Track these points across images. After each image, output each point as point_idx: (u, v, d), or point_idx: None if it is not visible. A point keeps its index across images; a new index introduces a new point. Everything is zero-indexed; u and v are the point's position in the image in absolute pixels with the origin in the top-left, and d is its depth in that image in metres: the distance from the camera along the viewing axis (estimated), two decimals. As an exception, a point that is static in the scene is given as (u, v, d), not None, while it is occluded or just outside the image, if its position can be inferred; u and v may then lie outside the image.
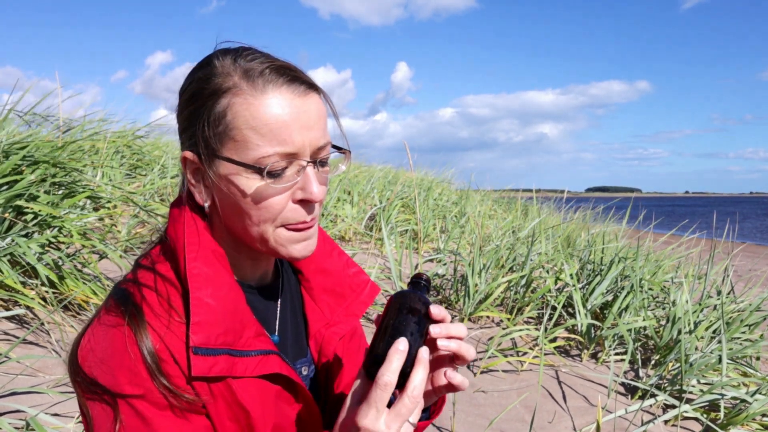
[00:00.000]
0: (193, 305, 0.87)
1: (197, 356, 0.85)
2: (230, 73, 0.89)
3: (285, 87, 0.89)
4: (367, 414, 0.82)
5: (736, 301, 4.47)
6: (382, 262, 5.11)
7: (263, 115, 0.87)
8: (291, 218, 0.92)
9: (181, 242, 0.92)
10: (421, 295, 0.91)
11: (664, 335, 3.77)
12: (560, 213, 8.30)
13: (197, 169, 0.94)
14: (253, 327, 0.93)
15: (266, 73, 0.89)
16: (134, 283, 0.92)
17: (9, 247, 2.78)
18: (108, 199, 3.95)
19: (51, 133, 4.47)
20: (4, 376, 2.35)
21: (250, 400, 0.91)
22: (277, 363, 0.94)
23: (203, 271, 0.90)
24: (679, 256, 5.74)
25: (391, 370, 0.83)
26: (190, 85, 0.93)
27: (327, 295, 1.12)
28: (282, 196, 0.90)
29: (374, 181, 7.87)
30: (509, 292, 4.36)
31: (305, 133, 0.89)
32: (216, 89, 0.89)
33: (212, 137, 0.89)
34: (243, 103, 0.87)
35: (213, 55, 0.94)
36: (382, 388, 0.82)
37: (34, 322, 2.78)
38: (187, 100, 0.93)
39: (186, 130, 0.93)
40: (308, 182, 0.90)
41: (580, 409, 3.20)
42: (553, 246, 5.43)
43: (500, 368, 3.54)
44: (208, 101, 0.89)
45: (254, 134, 0.87)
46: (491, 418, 2.91)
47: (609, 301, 4.28)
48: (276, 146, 0.87)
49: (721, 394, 3.14)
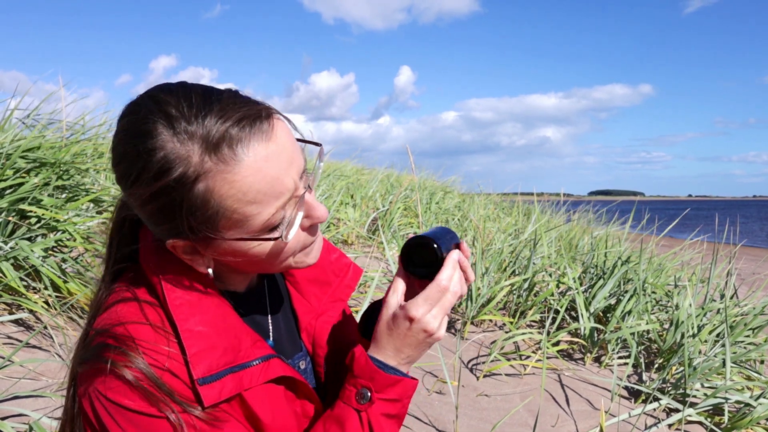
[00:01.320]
0: (184, 338, 0.85)
1: (204, 386, 0.84)
2: (187, 152, 0.77)
3: (253, 139, 0.79)
4: (420, 307, 0.92)
5: (740, 304, 4.45)
6: (384, 266, 5.10)
7: (251, 184, 0.79)
8: (306, 242, 0.93)
9: (155, 272, 0.89)
10: None
11: (668, 339, 3.75)
12: (563, 216, 8.30)
13: (189, 248, 0.87)
14: (249, 337, 0.93)
15: (227, 136, 0.78)
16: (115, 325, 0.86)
17: (13, 250, 2.78)
18: (112, 202, 3.96)
19: (54, 136, 4.48)
20: (7, 379, 2.35)
21: (262, 407, 0.91)
22: (280, 366, 0.95)
23: (185, 299, 0.88)
24: (682, 259, 5.73)
25: (448, 276, 0.94)
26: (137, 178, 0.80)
27: (312, 285, 1.13)
28: (294, 236, 0.88)
29: (377, 184, 7.87)
30: (512, 296, 4.36)
31: (291, 170, 0.83)
32: (181, 179, 0.78)
33: (203, 223, 0.81)
34: (223, 183, 0.78)
35: (144, 136, 0.78)
36: (442, 290, 0.93)
37: (37, 326, 2.79)
38: (145, 194, 0.80)
39: (162, 223, 0.83)
40: (311, 209, 0.89)
41: (583, 412, 3.19)
42: (555, 249, 5.42)
43: (503, 372, 3.54)
44: (179, 191, 0.79)
45: (251, 206, 0.81)
46: (494, 422, 2.90)
47: (612, 305, 4.27)
48: (275, 202, 0.82)
49: (725, 398, 3.13)
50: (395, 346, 0.94)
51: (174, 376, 0.84)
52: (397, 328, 0.93)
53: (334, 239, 5.53)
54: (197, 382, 0.83)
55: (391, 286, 0.98)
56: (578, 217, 8.26)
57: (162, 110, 0.78)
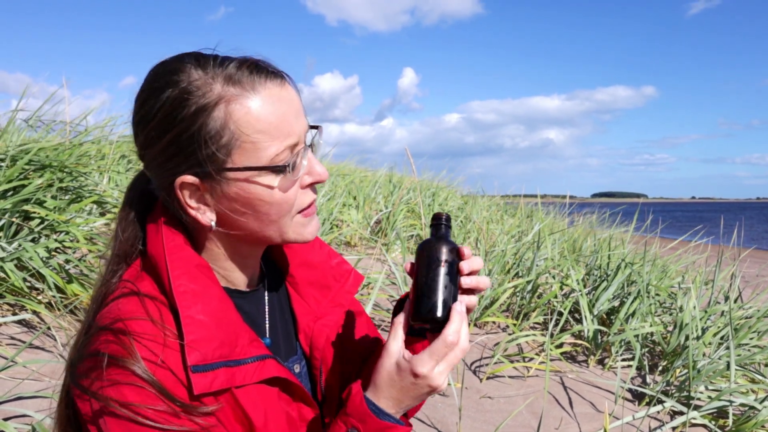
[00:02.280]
0: (184, 324, 0.86)
1: (196, 374, 0.85)
2: (209, 84, 0.86)
3: (269, 81, 0.89)
4: (426, 364, 0.89)
5: (744, 307, 4.43)
6: (387, 268, 5.10)
7: (264, 114, 0.87)
8: (305, 202, 0.95)
9: (162, 260, 0.91)
10: (448, 243, 0.96)
11: (672, 341, 3.74)
12: (566, 218, 8.28)
13: (196, 192, 0.91)
14: (247, 334, 0.94)
15: (246, 73, 0.88)
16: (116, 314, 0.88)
17: (16, 251, 2.79)
18: (114, 204, 3.96)
19: (58, 138, 4.49)
20: (10, 380, 2.35)
21: (253, 406, 0.92)
22: (275, 367, 0.95)
23: (190, 287, 0.90)
24: (686, 261, 5.72)
25: (455, 330, 0.90)
26: (159, 111, 0.87)
27: (312, 288, 1.14)
28: (296, 186, 0.93)
29: (380, 186, 7.87)
30: (515, 298, 4.35)
31: (299, 120, 0.92)
32: (202, 105, 0.85)
33: (217, 151, 0.86)
34: (241, 109, 0.86)
35: (171, 73, 0.88)
36: (448, 345, 0.90)
37: (40, 327, 2.79)
38: (162, 126, 0.87)
39: (173, 158, 0.88)
40: (313, 165, 0.94)
41: (586, 415, 3.18)
42: (559, 251, 5.41)
43: (506, 374, 3.53)
44: (197, 119, 0.85)
45: (262, 136, 0.87)
46: (497, 424, 2.89)
47: (616, 307, 4.25)
48: (284, 141, 0.89)
49: (729, 401, 3.12)
50: (395, 396, 0.91)
51: (167, 371, 0.85)
52: (402, 380, 0.90)
53: (337, 241, 5.54)
54: (190, 369, 0.85)
55: (391, 331, 0.94)
56: (581, 220, 8.24)
57: (191, 54, 0.90)
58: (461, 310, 0.92)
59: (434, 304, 0.93)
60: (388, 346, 0.92)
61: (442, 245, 0.96)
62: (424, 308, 0.93)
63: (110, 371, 0.83)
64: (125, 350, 0.83)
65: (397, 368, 0.90)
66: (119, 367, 0.83)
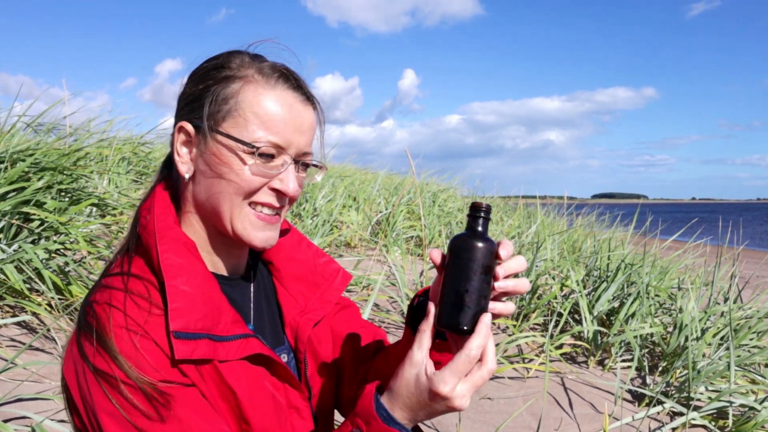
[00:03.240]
0: (169, 293, 0.91)
1: (178, 340, 0.89)
2: (246, 66, 1.00)
3: (291, 91, 1.00)
4: (447, 383, 0.85)
5: (744, 307, 4.43)
6: (387, 269, 5.10)
7: (268, 105, 0.98)
8: (262, 199, 0.99)
9: (152, 237, 0.96)
10: (486, 242, 0.88)
11: (671, 342, 3.74)
12: (566, 219, 8.28)
13: (188, 142, 1.02)
14: (230, 314, 0.98)
15: (277, 74, 1.00)
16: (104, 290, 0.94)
17: (16, 253, 2.79)
18: (114, 206, 3.97)
19: (58, 140, 4.49)
20: (10, 382, 2.36)
21: (237, 382, 0.94)
22: (258, 345, 0.98)
23: (176, 261, 0.95)
24: (686, 262, 5.72)
25: (479, 345, 0.86)
26: (203, 68, 1.03)
27: (299, 282, 1.17)
28: (263, 178, 0.98)
29: (379, 187, 7.87)
30: (515, 299, 4.35)
31: (297, 135, 1.00)
32: (231, 75, 1.00)
33: (217, 112, 0.98)
34: (253, 90, 0.98)
35: (232, 52, 1.04)
36: (471, 361, 0.85)
37: (40, 328, 2.79)
38: (197, 78, 1.02)
39: (189, 104, 1.01)
40: (287, 176, 1.00)
41: (586, 416, 3.18)
42: (558, 252, 5.42)
43: (506, 375, 3.53)
44: (221, 82, 0.99)
45: (256, 119, 0.97)
46: (497, 425, 2.89)
47: (615, 308, 4.25)
48: (271, 135, 0.97)
49: (729, 402, 3.12)
50: (411, 407, 0.88)
51: (149, 340, 0.89)
52: (419, 394, 0.87)
53: (336, 242, 5.54)
54: (172, 335, 0.88)
55: (417, 338, 0.90)
56: (581, 220, 8.24)
57: (247, 52, 1.05)
58: (488, 322, 0.87)
59: (463, 313, 0.87)
60: (411, 355, 0.89)
61: (479, 244, 0.88)
62: (450, 315, 0.87)
63: (86, 343, 0.90)
64: (102, 324, 0.89)
65: (416, 380, 0.87)
66: (97, 339, 0.89)
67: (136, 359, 0.87)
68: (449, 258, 0.89)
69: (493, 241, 0.89)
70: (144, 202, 1.04)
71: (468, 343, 0.86)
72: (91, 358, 0.88)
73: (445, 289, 0.89)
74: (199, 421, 0.89)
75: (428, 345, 0.89)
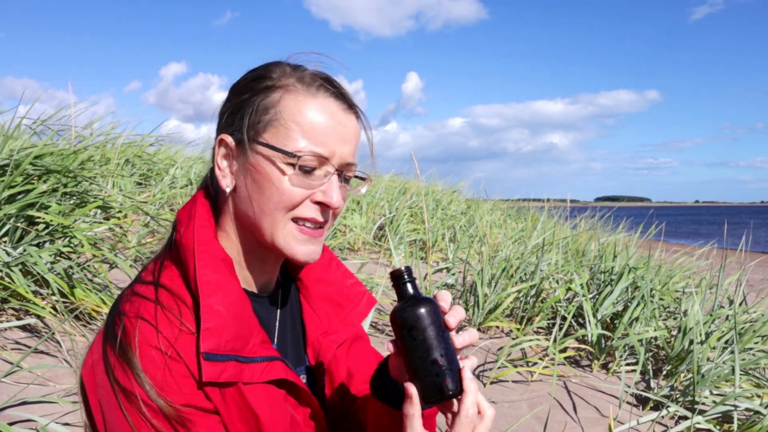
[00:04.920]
0: (203, 312, 0.89)
1: (207, 362, 0.88)
2: (287, 76, 0.99)
3: (333, 99, 0.98)
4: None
5: (749, 311, 4.42)
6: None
7: (310, 114, 0.95)
8: (305, 213, 0.96)
9: (191, 250, 0.94)
10: (424, 303, 0.88)
11: (676, 345, 3.73)
12: (569, 223, 8.27)
13: (228, 155, 1.00)
14: (259, 335, 0.96)
15: (318, 83, 0.98)
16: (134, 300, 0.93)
17: (20, 256, 2.80)
18: (119, 208, 3.97)
19: (64, 143, 4.51)
20: (15, 385, 2.36)
21: (260, 405, 0.93)
22: (282, 369, 0.97)
23: (213, 278, 0.93)
24: (691, 265, 5.70)
25: (475, 402, 0.87)
26: (243, 80, 1.02)
27: (325, 303, 1.15)
28: (304, 190, 0.95)
29: (383, 190, 7.87)
30: (519, 302, 4.34)
31: (340, 144, 0.97)
32: (271, 85, 0.98)
33: (258, 123, 0.96)
34: (294, 99, 0.96)
35: (272, 63, 1.03)
36: (472, 420, 0.86)
37: (45, 332, 2.80)
38: (238, 90, 1.01)
39: (230, 116, 1.00)
40: (330, 188, 0.96)
41: (591, 419, 3.17)
42: (563, 256, 5.41)
43: (510, 379, 3.52)
44: (261, 93, 0.98)
45: (297, 128, 0.95)
46: (501, 429, 2.89)
47: (619, 311, 4.24)
48: (313, 145, 0.94)
49: (734, 406, 3.10)
50: None
51: (179, 361, 0.88)
52: None
53: (340, 246, 5.54)
54: (202, 356, 0.87)
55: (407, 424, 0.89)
56: (585, 224, 8.23)
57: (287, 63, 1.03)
58: (470, 376, 0.88)
59: (444, 380, 0.86)
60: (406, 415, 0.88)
61: (420, 309, 0.88)
62: (435, 388, 0.86)
63: (111, 353, 0.89)
64: (129, 338, 0.88)
65: None
66: (121, 353, 0.88)
67: (161, 380, 0.86)
68: (403, 334, 0.88)
69: (431, 298, 0.90)
70: (183, 209, 1.02)
71: (463, 404, 0.87)
72: (114, 370, 0.88)
73: (415, 365, 0.87)
74: None
75: (420, 426, 0.88)
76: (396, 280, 0.91)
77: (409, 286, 0.91)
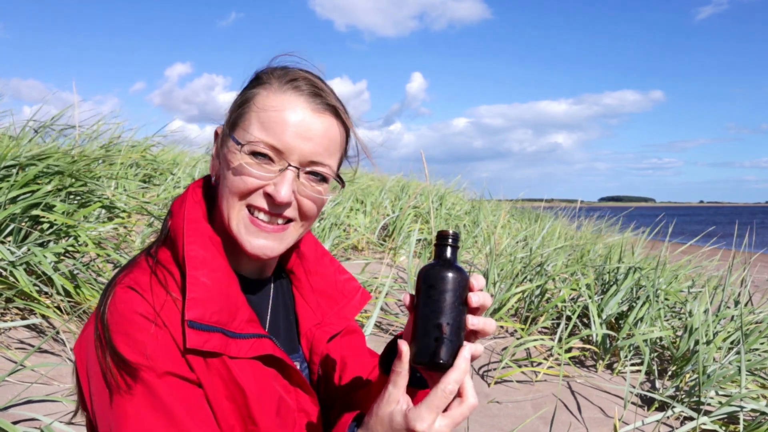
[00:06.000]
0: (189, 283, 0.92)
1: (192, 330, 0.90)
2: (269, 74, 1.02)
3: (304, 98, 0.99)
4: (424, 420, 0.81)
5: (755, 311, 4.40)
6: (395, 272, 5.10)
7: (271, 108, 0.98)
8: (256, 202, 0.98)
9: (180, 228, 0.98)
10: (456, 271, 0.85)
11: (681, 346, 3.71)
12: (574, 223, 8.25)
13: (217, 146, 1.06)
14: (246, 312, 0.98)
15: (295, 81, 1.00)
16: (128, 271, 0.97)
17: (25, 255, 2.80)
18: (123, 208, 3.98)
19: (68, 144, 4.52)
20: (20, 384, 2.36)
21: (246, 380, 0.94)
22: (270, 346, 0.98)
23: (200, 253, 0.96)
24: (696, 266, 5.68)
25: (456, 379, 0.82)
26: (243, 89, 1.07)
27: (318, 295, 1.17)
28: (257, 180, 0.97)
29: (387, 190, 7.87)
30: (523, 302, 4.33)
31: (300, 141, 0.97)
32: (256, 83, 1.02)
33: (233, 116, 1.02)
34: (264, 95, 0.99)
35: (271, 65, 1.06)
36: (447, 396, 0.81)
37: (49, 331, 2.80)
38: (239, 95, 1.06)
39: (230, 112, 1.05)
40: (281, 182, 0.97)
41: (595, 420, 3.16)
42: (568, 256, 5.39)
43: (514, 378, 3.51)
44: (246, 90, 1.03)
45: (256, 121, 0.98)
46: (505, 429, 2.88)
47: (624, 311, 4.23)
48: (266, 137, 0.97)
49: (740, 406, 3.09)
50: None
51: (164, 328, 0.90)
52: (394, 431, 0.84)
53: (344, 246, 5.53)
54: (187, 324, 0.90)
55: (391, 378, 0.86)
56: (590, 224, 8.21)
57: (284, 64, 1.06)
58: (467, 356, 0.83)
59: (440, 346, 0.83)
60: (386, 392, 0.85)
61: (448, 272, 0.85)
62: (427, 350, 0.83)
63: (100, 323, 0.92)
64: (119, 306, 0.91)
65: (390, 418, 0.84)
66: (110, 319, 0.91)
67: (144, 344, 0.88)
68: (422, 289, 0.85)
69: (464, 269, 0.86)
70: (178, 197, 1.07)
71: (445, 377, 0.82)
72: (102, 334, 0.91)
73: (419, 323, 0.84)
74: (187, 420, 0.88)
75: (404, 384, 0.85)
76: (439, 239, 0.88)
77: (449, 249, 0.87)
